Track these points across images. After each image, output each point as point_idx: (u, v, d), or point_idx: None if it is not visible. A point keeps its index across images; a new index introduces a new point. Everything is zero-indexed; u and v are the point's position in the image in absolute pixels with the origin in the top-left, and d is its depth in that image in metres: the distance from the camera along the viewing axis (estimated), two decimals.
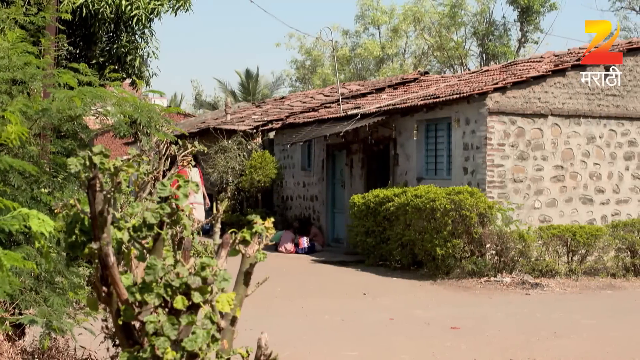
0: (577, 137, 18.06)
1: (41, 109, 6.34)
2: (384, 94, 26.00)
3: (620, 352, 9.84)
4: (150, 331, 3.11)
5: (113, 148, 38.81)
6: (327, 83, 49.16)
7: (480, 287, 15.14)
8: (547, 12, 46.20)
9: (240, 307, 3.48)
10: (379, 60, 52.76)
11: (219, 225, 3.91)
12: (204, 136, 27.13)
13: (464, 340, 10.33)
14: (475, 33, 49.36)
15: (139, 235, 3.34)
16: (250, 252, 3.53)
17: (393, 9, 52.87)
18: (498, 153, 17.11)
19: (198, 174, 18.61)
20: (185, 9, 16.13)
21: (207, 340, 3.15)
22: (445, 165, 18.70)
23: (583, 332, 11.04)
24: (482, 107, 17.14)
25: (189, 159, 6.97)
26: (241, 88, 61.42)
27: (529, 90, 17.46)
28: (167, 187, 3.38)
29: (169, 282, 3.14)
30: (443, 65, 51.91)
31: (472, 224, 15.83)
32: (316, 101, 29.17)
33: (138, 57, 16.33)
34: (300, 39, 55.48)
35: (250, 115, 30.01)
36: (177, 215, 3.36)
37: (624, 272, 16.85)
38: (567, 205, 17.90)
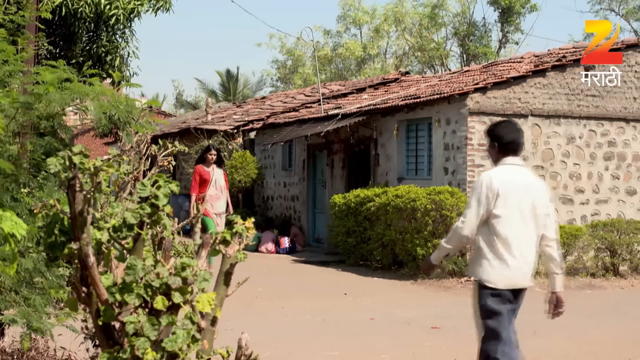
0: (557, 138, 18.12)
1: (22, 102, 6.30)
2: (365, 94, 26.01)
3: (599, 351, 9.89)
4: (130, 332, 3.11)
5: (93, 148, 38.70)
6: (308, 83, 49.17)
7: (461, 287, 15.17)
8: (527, 13, 46.43)
9: (220, 307, 3.48)
10: (360, 61, 52.81)
11: (199, 225, 3.89)
12: (184, 136, 27.06)
13: (444, 340, 10.35)
14: (456, 34, 49.52)
15: (119, 235, 3.33)
16: (230, 252, 3.52)
17: (374, 9, 53.01)
18: (479, 153, 17.15)
19: (223, 176, 16.37)
20: (165, 9, 16.10)
21: (188, 341, 3.14)
22: (426, 165, 18.72)
23: (563, 331, 11.08)
24: (463, 108, 17.18)
25: (170, 159, 6.95)
26: (222, 88, 61.34)
27: (510, 91, 17.51)
28: (147, 187, 3.37)
29: (149, 282, 3.13)
30: (424, 66, 52.04)
31: (452, 223, 15.85)
32: (297, 101, 29.17)
33: (118, 56, 16.29)
34: (281, 39, 55.54)
35: (231, 115, 29.98)
36: (157, 216, 3.35)
37: (603, 272, 16.93)
38: None
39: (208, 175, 15.89)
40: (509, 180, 6.46)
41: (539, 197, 6.58)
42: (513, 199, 6.39)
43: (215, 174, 15.98)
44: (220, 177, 16.09)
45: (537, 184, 6.71)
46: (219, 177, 16.04)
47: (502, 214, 6.35)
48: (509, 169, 6.56)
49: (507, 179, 6.46)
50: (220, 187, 15.94)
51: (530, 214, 6.47)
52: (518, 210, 6.40)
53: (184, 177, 27.40)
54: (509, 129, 6.70)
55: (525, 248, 6.46)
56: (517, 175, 6.56)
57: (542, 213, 6.56)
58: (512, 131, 6.68)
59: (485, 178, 6.45)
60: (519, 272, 6.45)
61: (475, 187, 6.48)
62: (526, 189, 6.51)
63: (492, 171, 6.58)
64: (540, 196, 6.59)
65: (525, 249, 6.45)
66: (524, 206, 6.43)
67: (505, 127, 6.72)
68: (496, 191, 6.35)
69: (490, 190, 6.36)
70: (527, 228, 6.45)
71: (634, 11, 48.71)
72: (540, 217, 6.53)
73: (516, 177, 6.53)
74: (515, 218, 6.39)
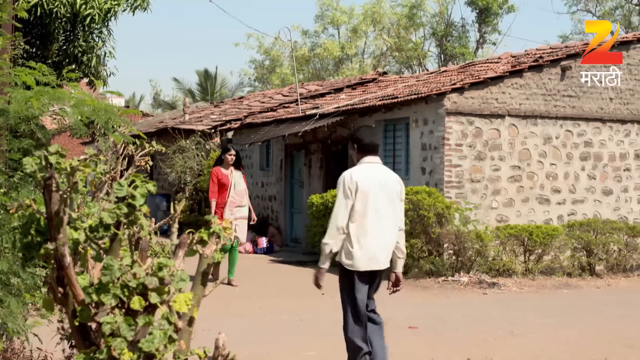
0: (534, 138, 18.20)
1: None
2: (343, 94, 26.04)
3: (576, 350, 9.94)
4: (106, 332, 3.10)
5: (70, 147, 38.49)
6: (285, 83, 49.18)
7: (438, 287, 15.20)
8: (505, 13, 46.68)
9: (197, 308, 3.47)
10: (338, 61, 52.86)
11: (176, 225, 3.88)
12: (162, 136, 27.01)
13: (421, 339, 10.37)
14: (434, 34, 49.67)
15: (95, 235, 3.33)
16: (207, 253, 3.52)
17: (352, 9, 53.12)
18: (456, 153, 17.21)
19: (242, 179, 15.20)
20: (143, 8, 16.07)
21: (164, 341, 3.14)
22: (404, 165, 18.75)
23: (539, 331, 11.12)
24: (440, 108, 17.22)
25: (147, 159, 6.93)
26: (199, 88, 61.24)
27: (487, 91, 17.57)
28: (124, 187, 3.36)
29: (125, 282, 3.13)
30: (402, 66, 52.16)
31: (430, 223, 15.90)
32: (275, 101, 29.15)
33: (95, 56, 16.24)
34: (259, 39, 55.57)
35: (209, 115, 29.93)
36: (134, 216, 3.35)
37: (579, 272, 17.01)
38: (524, 205, 18.04)
39: (227, 179, 14.79)
40: (366, 176, 7.46)
41: (393, 191, 7.55)
42: (370, 193, 7.38)
43: (234, 176, 14.87)
44: (240, 180, 14.99)
45: (391, 179, 7.64)
46: (238, 180, 14.95)
47: (361, 206, 7.34)
48: (367, 166, 7.59)
49: (365, 175, 7.47)
50: (240, 191, 14.93)
51: (386, 206, 7.46)
52: (374, 202, 7.39)
53: (161, 177, 27.36)
54: (367, 132, 7.80)
55: (381, 236, 7.45)
56: (373, 172, 7.55)
57: (396, 205, 7.59)
58: (370, 135, 7.75)
59: (347, 175, 7.48)
60: (375, 257, 7.43)
61: (340, 183, 7.46)
62: (381, 184, 7.49)
63: (353, 169, 7.61)
64: (394, 190, 7.57)
65: (380, 236, 7.44)
66: (379, 199, 7.42)
67: (364, 131, 7.80)
68: (355, 186, 7.35)
69: (351, 185, 7.37)
70: (383, 218, 7.44)
71: (610, 12, 48.99)
72: (394, 209, 7.56)
73: (373, 174, 7.52)
74: (372, 209, 7.38)
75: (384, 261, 7.54)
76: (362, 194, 7.35)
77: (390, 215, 7.50)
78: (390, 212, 7.50)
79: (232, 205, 14.72)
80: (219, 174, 14.77)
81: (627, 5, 48.43)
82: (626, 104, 19.40)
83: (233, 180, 14.74)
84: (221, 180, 14.71)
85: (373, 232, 7.39)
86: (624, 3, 48.40)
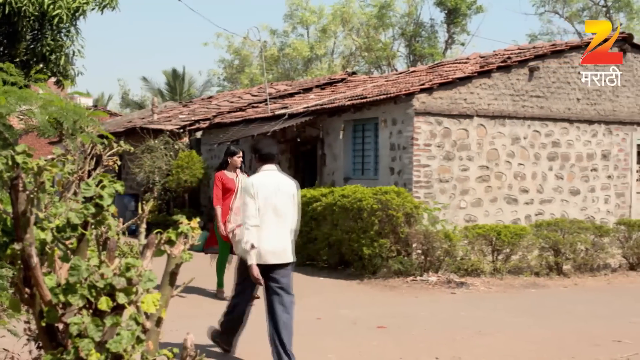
0: (502, 138, 18.30)
1: None
2: (312, 94, 26.05)
3: (543, 350, 9.99)
4: (74, 333, 3.08)
5: (37, 147, 38.15)
6: (255, 83, 49.08)
7: (407, 287, 15.23)
8: (473, 14, 46.84)
9: (166, 308, 3.46)
10: (307, 60, 52.84)
11: (144, 225, 3.86)
12: (130, 136, 26.84)
13: (390, 339, 10.39)
14: (403, 34, 49.76)
15: (62, 235, 3.31)
16: (175, 253, 3.51)
17: (322, 9, 53.05)
18: (424, 153, 17.26)
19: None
20: (112, 7, 15.98)
21: (132, 342, 3.13)
22: (373, 165, 18.79)
23: (507, 330, 11.18)
24: (409, 108, 17.26)
25: (116, 159, 6.90)
26: (168, 87, 60.99)
27: (455, 91, 17.64)
28: (91, 187, 3.35)
29: (93, 283, 3.11)
30: (371, 66, 52.20)
31: (398, 223, 15.92)
32: (244, 101, 29.10)
33: (63, 55, 16.14)
34: (228, 38, 55.42)
35: (178, 115, 29.82)
36: (102, 216, 3.33)
37: (547, 271, 17.08)
38: (492, 205, 18.14)
39: (233, 183, 13.45)
40: (264, 182, 8.63)
41: (288, 194, 8.72)
42: (267, 197, 8.54)
43: (241, 181, 13.21)
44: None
45: (286, 185, 8.79)
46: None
47: (261, 208, 8.48)
48: (266, 173, 8.76)
49: (264, 181, 8.64)
50: None
51: (281, 208, 8.62)
52: (271, 205, 8.54)
53: (130, 177, 27.20)
54: (266, 143, 9.09)
55: (276, 235, 8.56)
56: (271, 178, 8.71)
57: (290, 207, 8.76)
58: (268, 146, 8.99)
59: (249, 181, 8.73)
60: (272, 252, 8.56)
61: (246, 188, 8.65)
62: (276, 189, 8.63)
63: (254, 176, 8.81)
64: (288, 193, 8.74)
65: (276, 235, 8.55)
66: (275, 202, 8.57)
67: (263, 143, 9.09)
68: (256, 190, 8.50)
69: (253, 189, 8.51)
70: (279, 219, 8.61)
71: (577, 14, 49.33)
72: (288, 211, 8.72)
73: (270, 180, 8.68)
74: (269, 211, 8.53)
75: (281, 255, 8.69)
76: (261, 197, 8.50)
77: (286, 215, 8.71)
78: (286, 212, 8.70)
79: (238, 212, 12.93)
80: (224, 179, 13.55)
81: (594, 6, 48.77)
82: (593, 105, 19.55)
83: (239, 185, 13.23)
84: (226, 185, 13.49)
85: (270, 230, 8.49)
86: (591, 4, 48.74)
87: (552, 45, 19.92)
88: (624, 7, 46.66)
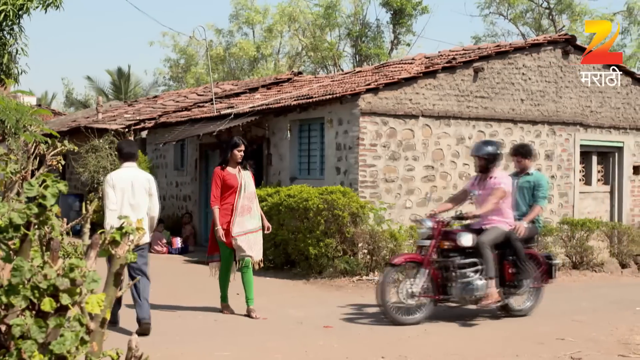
0: (447, 138, 18.43)
1: None
2: (258, 94, 26.01)
3: (488, 348, 10.09)
4: (16, 334, 3.05)
5: None
6: (200, 82, 48.90)
7: (353, 286, 15.29)
8: (419, 15, 47.04)
9: (110, 309, 3.44)
10: (253, 60, 52.75)
11: (88, 225, 3.84)
12: (74, 135, 26.58)
13: (336, 338, 10.41)
14: (349, 34, 49.86)
15: (5, 236, 3.27)
16: (120, 253, 3.49)
17: (267, 8, 52.95)
18: (370, 153, 17.32)
19: (252, 180, 12.33)
20: (55, 6, 15.83)
21: (76, 343, 3.10)
22: (319, 165, 18.82)
23: (453, 329, 11.27)
24: (355, 108, 17.31)
25: (59, 158, 6.83)
26: (113, 87, 60.45)
27: (401, 92, 17.72)
28: (34, 187, 3.31)
29: (36, 284, 3.08)
30: (317, 66, 52.27)
31: (344, 223, 15.97)
32: (190, 100, 28.97)
33: (6, 53, 15.97)
34: (174, 38, 55.10)
35: (123, 114, 29.60)
36: (45, 216, 3.30)
37: None
38: (437, 205, 18.25)
39: (235, 180, 12.01)
40: (122, 177, 10.46)
41: (143, 187, 10.48)
42: (124, 190, 10.36)
43: (243, 176, 12.08)
44: (250, 180, 12.19)
45: (142, 180, 10.52)
46: (248, 181, 12.15)
47: (119, 199, 10.30)
48: (125, 170, 10.59)
49: (122, 176, 10.48)
50: (250, 194, 12.11)
51: (136, 200, 10.39)
52: (127, 197, 10.33)
53: (74, 177, 26.96)
54: (127, 144, 11.08)
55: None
56: (128, 173, 10.51)
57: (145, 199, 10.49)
58: (128, 146, 10.90)
59: (109, 176, 10.48)
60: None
61: (106, 182, 10.44)
62: (133, 183, 10.42)
63: (114, 172, 10.73)
64: (143, 186, 10.48)
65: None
66: (131, 194, 10.37)
67: (125, 143, 11.19)
68: (113, 184, 10.34)
69: (112, 183, 10.36)
70: (135, 207, 10.31)
71: (521, 15, 49.83)
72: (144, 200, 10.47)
73: (127, 175, 10.48)
74: (126, 203, 10.30)
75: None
76: (118, 190, 10.33)
77: (141, 206, 10.41)
78: (141, 202, 10.42)
79: (243, 213, 11.96)
80: (225, 175, 12.03)
81: (537, 8, 49.31)
82: (537, 105, 19.76)
83: (243, 181, 11.99)
84: (228, 182, 11.98)
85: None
86: (534, 6, 49.27)
87: (496, 47, 20.11)
88: (565, 9, 47.21)
